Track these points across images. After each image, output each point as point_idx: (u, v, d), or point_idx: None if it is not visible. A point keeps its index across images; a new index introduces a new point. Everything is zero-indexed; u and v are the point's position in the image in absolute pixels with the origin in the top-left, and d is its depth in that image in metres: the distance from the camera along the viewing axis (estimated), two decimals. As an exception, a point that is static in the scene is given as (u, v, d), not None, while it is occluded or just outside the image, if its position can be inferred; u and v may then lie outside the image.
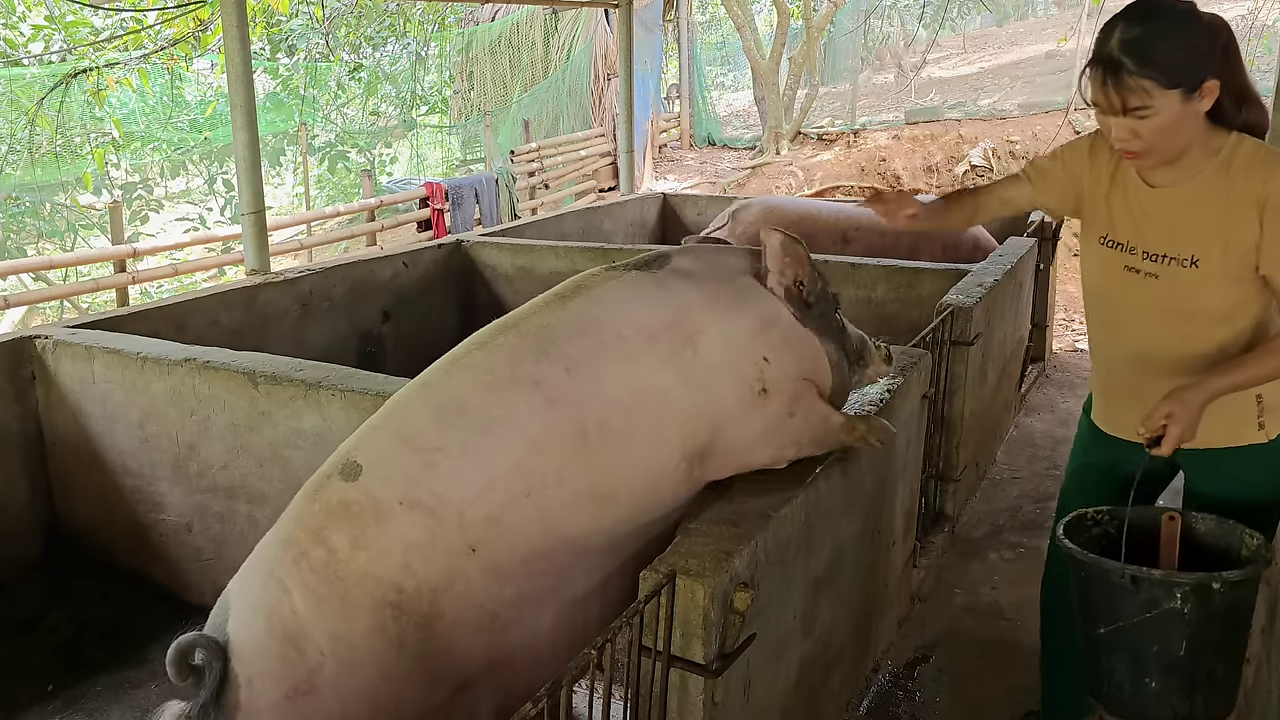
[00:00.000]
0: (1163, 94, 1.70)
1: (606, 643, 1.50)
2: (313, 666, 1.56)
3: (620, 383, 1.77)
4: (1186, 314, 1.89)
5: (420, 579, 1.61)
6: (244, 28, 3.95)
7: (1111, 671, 1.83)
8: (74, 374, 3.22)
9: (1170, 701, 1.79)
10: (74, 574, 3.31)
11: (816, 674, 2.28)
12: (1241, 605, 1.79)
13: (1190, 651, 1.75)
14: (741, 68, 19.42)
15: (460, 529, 1.63)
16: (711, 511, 1.88)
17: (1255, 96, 1.81)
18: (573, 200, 11.36)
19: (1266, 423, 1.91)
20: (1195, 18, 1.74)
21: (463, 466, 1.66)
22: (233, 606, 1.62)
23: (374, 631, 1.58)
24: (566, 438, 1.71)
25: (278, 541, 1.67)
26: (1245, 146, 1.80)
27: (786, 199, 6.15)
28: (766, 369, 1.88)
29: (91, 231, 10.85)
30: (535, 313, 1.88)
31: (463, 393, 1.74)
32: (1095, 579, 1.82)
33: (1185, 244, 1.85)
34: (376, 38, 13.93)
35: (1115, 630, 1.80)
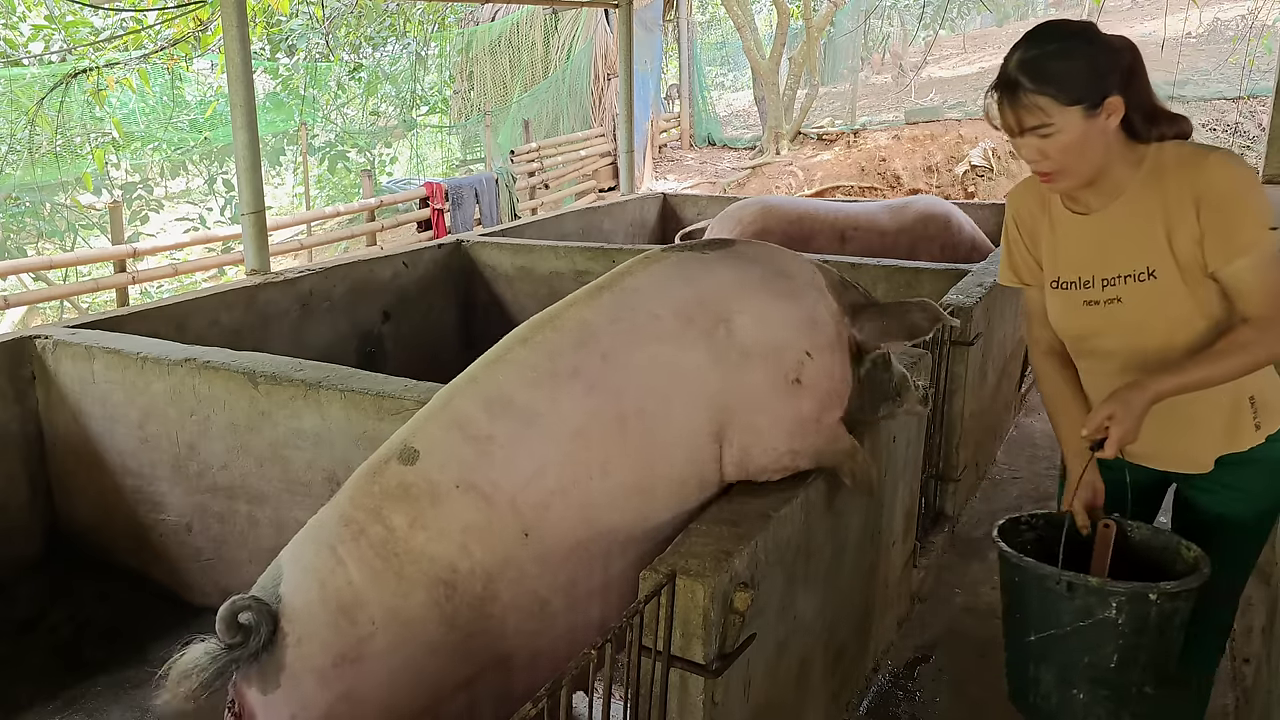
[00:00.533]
0: (1062, 111, 1.71)
1: (606, 643, 1.51)
2: (364, 636, 1.61)
3: (654, 364, 1.80)
4: (1161, 324, 1.84)
5: (476, 560, 1.67)
6: (244, 28, 3.95)
7: (1038, 681, 1.79)
8: (74, 374, 3.22)
9: (1096, 714, 1.75)
10: (74, 574, 3.31)
11: (817, 674, 2.28)
12: (1174, 619, 1.74)
13: (1121, 664, 1.72)
14: (741, 68, 19.43)
15: (514, 513, 1.69)
16: (711, 511, 1.88)
17: (1165, 112, 1.80)
18: (573, 200, 11.36)
19: (1262, 422, 1.87)
20: (1092, 38, 1.74)
21: (514, 454, 1.72)
22: (285, 571, 1.67)
23: (427, 607, 1.64)
24: (607, 426, 1.75)
25: (334, 518, 1.72)
26: (1169, 150, 1.79)
27: (786, 199, 6.14)
28: (807, 363, 1.87)
29: (91, 231, 10.85)
30: (572, 306, 1.91)
31: (509, 386, 1.80)
32: (1029, 584, 1.78)
33: (1137, 258, 1.82)
34: (376, 38, 13.93)
35: (1046, 638, 1.75)
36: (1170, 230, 1.77)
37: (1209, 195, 1.72)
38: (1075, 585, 1.71)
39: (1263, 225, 1.71)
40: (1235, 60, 11.85)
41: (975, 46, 21.45)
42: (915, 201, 5.53)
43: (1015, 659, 1.85)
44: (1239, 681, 2.73)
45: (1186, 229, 1.75)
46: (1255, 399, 1.86)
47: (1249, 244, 1.71)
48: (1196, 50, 13.92)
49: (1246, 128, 11.04)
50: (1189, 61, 13.03)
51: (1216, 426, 1.87)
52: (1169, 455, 1.95)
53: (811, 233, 5.21)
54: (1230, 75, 12.15)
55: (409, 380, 2.73)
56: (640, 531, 1.80)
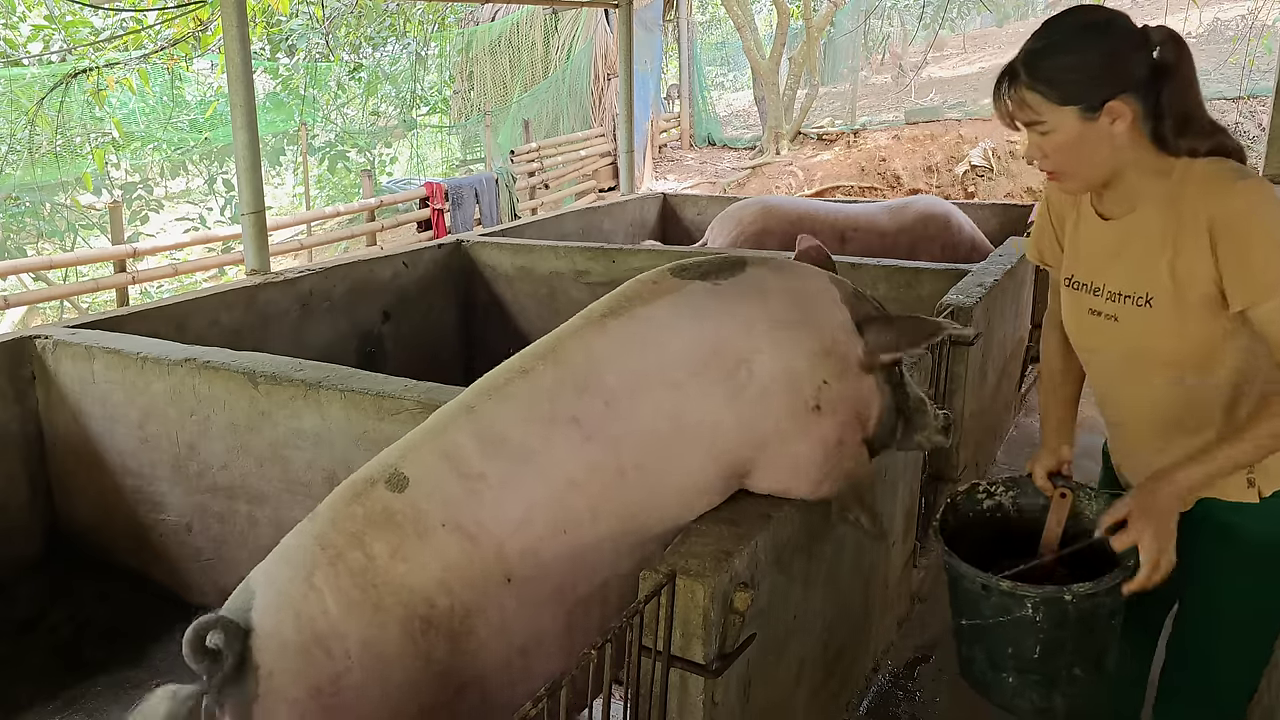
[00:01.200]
0: (1054, 110, 1.60)
1: (606, 643, 1.50)
2: (340, 670, 1.55)
3: (660, 414, 1.73)
4: (1148, 360, 1.71)
5: (455, 598, 1.62)
6: (244, 28, 3.95)
7: (973, 660, 1.84)
8: (74, 374, 3.22)
9: (1029, 696, 1.78)
10: (74, 574, 3.31)
11: (816, 674, 2.28)
12: (1098, 614, 1.71)
13: (1045, 655, 1.72)
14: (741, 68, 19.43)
15: (498, 558, 1.64)
16: (711, 511, 1.87)
17: (1205, 123, 1.63)
18: (573, 200, 11.36)
19: (1258, 480, 1.69)
20: (1109, 32, 1.60)
21: (503, 497, 1.67)
22: (258, 594, 1.60)
23: (403, 641, 1.58)
24: (604, 476, 1.70)
25: (312, 539, 1.65)
26: (1199, 168, 1.61)
27: (785, 199, 6.15)
28: (825, 390, 1.82)
29: (91, 231, 10.85)
30: (575, 335, 1.83)
31: (504, 424, 1.73)
32: (955, 577, 1.82)
33: (1139, 280, 1.68)
34: (376, 38, 13.93)
35: (974, 626, 1.79)
36: (1175, 256, 1.62)
37: (1226, 228, 1.55)
38: (989, 587, 1.72)
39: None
40: (1235, 60, 11.85)
41: (975, 46, 21.46)
42: (915, 201, 5.53)
43: (955, 636, 1.89)
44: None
45: (1196, 257, 1.59)
46: None
47: (1273, 285, 1.53)
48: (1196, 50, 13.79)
49: (1246, 128, 11.04)
50: (1189, 61, 13.02)
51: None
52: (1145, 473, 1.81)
53: (811, 233, 5.16)
54: (1230, 75, 12.15)
55: (409, 380, 2.73)
56: (631, 569, 1.76)
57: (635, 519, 1.74)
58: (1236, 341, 1.63)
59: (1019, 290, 4.30)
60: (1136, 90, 1.59)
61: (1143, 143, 1.63)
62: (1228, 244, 1.56)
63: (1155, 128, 1.61)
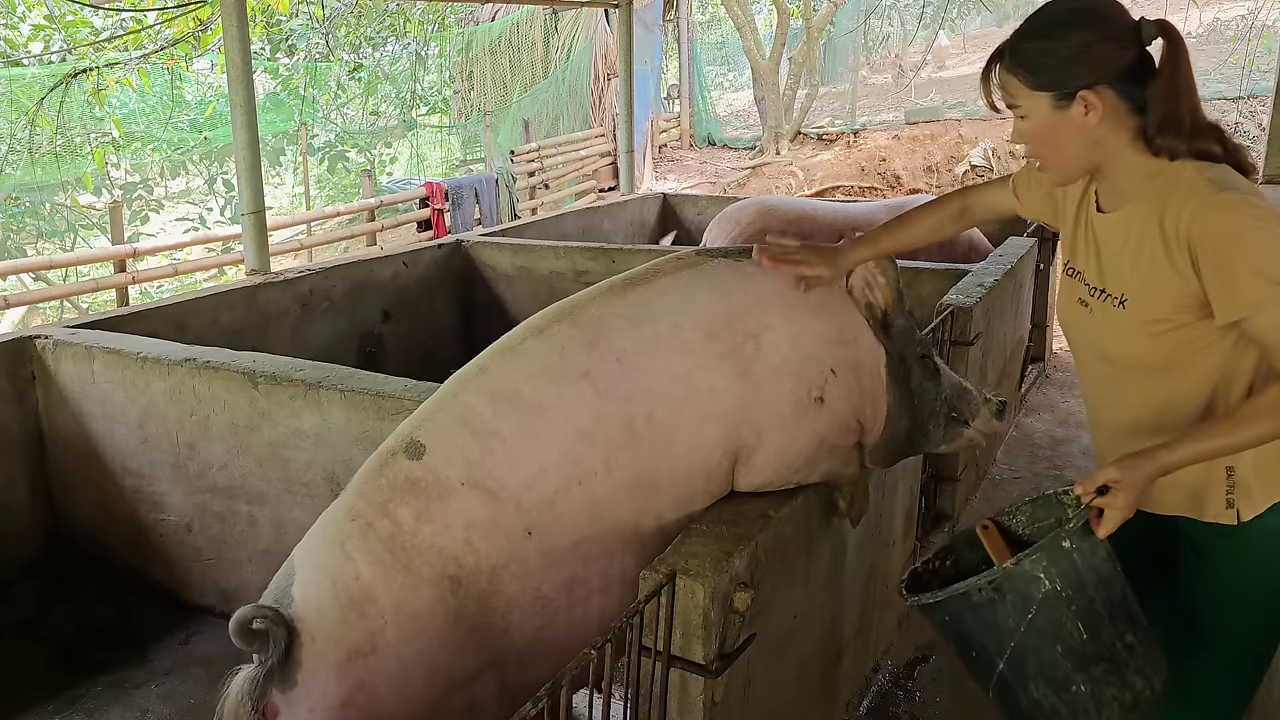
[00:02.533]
0: (1029, 95, 1.58)
1: (606, 642, 1.51)
2: (374, 629, 1.62)
3: (669, 376, 1.78)
4: (1117, 363, 1.69)
5: (481, 555, 1.67)
6: (244, 28, 3.95)
7: (1039, 704, 1.60)
8: (74, 374, 3.22)
9: (1111, 695, 1.58)
10: (74, 574, 3.31)
11: (816, 674, 2.28)
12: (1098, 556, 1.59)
13: (1092, 631, 1.57)
14: (741, 68, 19.43)
15: (518, 511, 1.69)
16: (712, 511, 1.87)
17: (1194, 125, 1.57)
18: (573, 200, 11.37)
19: (1237, 501, 1.64)
20: (1094, 22, 1.56)
21: (518, 452, 1.71)
22: (298, 570, 1.68)
23: (434, 600, 1.64)
24: (614, 429, 1.74)
25: (343, 513, 1.72)
26: (1187, 173, 1.56)
27: (785, 199, 6.15)
28: (831, 381, 1.85)
29: (91, 231, 10.85)
30: (595, 300, 1.89)
31: (516, 380, 1.78)
32: (962, 613, 1.61)
33: (1116, 279, 1.65)
34: (376, 38, 13.94)
35: (1012, 657, 1.59)
36: (1150, 262, 1.59)
37: (1205, 243, 1.52)
38: (996, 580, 1.56)
39: (1270, 281, 1.47)
40: (1235, 60, 11.86)
41: (975, 46, 21.46)
42: (913, 201, 5.53)
43: (1007, 704, 1.64)
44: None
45: (1171, 267, 1.56)
46: (1234, 473, 1.64)
47: (1257, 302, 1.49)
48: (1196, 50, 13.91)
49: (1246, 128, 11.04)
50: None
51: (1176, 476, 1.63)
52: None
53: (810, 233, 5.21)
54: (1230, 75, 12.15)
55: (409, 380, 2.73)
56: (645, 529, 1.80)
57: (647, 474, 1.77)
58: (1221, 344, 1.59)
59: (1019, 290, 4.30)
60: (1115, 83, 1.55)
61: (1125, 139, 1.59)
62: (1208, 259, 1.52)
63: (1140, 124, 1.57)
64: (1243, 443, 1.55)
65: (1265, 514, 1.64)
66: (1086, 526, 1.57)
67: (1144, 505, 1.74)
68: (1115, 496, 1.55)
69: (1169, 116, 1.55)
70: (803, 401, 1.83)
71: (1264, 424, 1.52)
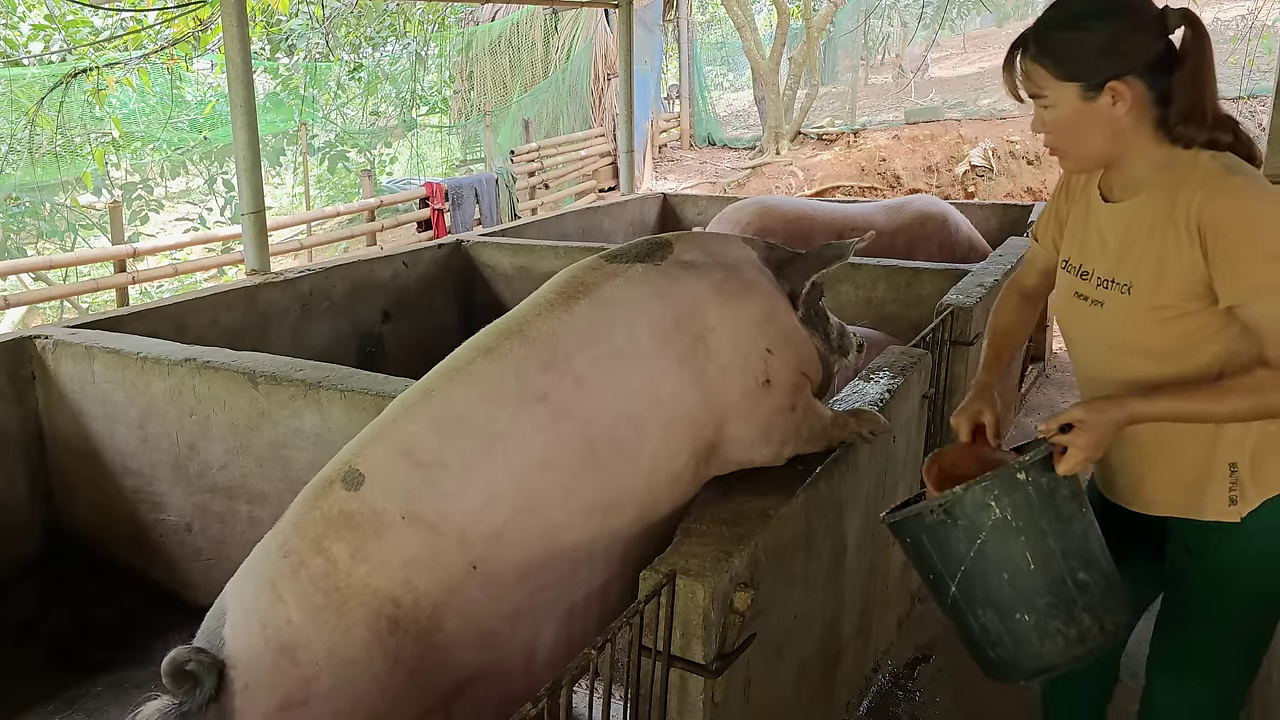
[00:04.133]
0: (1056, 85, 1.58)
1: (606, 643, 1.50)
2: (307, 676, 1.54)
3: (632, 391, 1.74)
4: (1126, 349, 1.68)
5: (420, 593, 1.59)
6: (244, 28, 3.95)
7: (986, 629, 1.63)
8: (74, 374, 3.22)
9: (1055, 628, 1.59)
10: (74, 574, 3.31)
11: (816, 674, 2.28)
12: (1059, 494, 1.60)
13: (1040, 565, 1.58)
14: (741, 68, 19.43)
15: (461, 546, 1.61)
16: (712, 511, 1.88)
17: (1214, 117, 1.58)
18: (573, 200, 11.37)
19: (1240, 498, 1.64)
20: (1124, 12, 1.56)
21: (465, 483, 1.63)
22: (228, 612, 1.60)
23: (370, 644, 1.57)
24: (575, 453, 1.68)
25: (276, 547, 1.64)
26: (1201, 161, 1.57)
27: (783, 199, 6.15)
28: (770, 360, 1.86)
29: (91, 231, 10.85)
30: (541, 316, 1.82)
31: (466, 405, 1.70)
32: (920, 535, 1.64)
33: (1124, 268, 1.65)
34: (376, 38, 13.93)
35: (962, 580, 1.61)
36: (1162, 247, 1.59)
37: (1215, 227, 1.52)
38: (947, 504, 1.58)
39: (1278, 266, 1.49)
40: (1235, 60, 11.85)
41: (975, 46, 21.46)
42: (912, 201, 5.53)
43: (960, 627, 1.69)
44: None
45: (1181, 251, 1.57)
46: (1237, 468, 1.64)
47: (1261, 286, 1.50)
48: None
49: (1246, 128, 11.02)
50: (1189, 61, 13.01)
51: (1174, 474, 1.68)
52: (1118, 486, 1.81)
53: (809, 233, 5.21)
54: (1230, 75, 12.14)
55: (409, 380, 2.73)
56: (605, 548, 1.75)
57: (609, 494, 1.71)
58: (1225, 333, 1.59)
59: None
60: (1144, 74, 1.56)
61: (1146, 129, 1.60)
62: (1217, 243, 1.53)
63: (1162, 115, 1.58)
64: (1218, 414, 1.55)
65: (1259, 510, 1.64)
66: (1048, 462, 1.59)
67: (1137, 506, 1.77)
68: (1078, 436, 1.56)
69: (1193, 106, 1.56)
70: (752, 389, 1.84)
71: (1243, 401, 1.52)
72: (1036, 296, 2.03)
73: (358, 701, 1.56)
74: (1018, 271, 2.05)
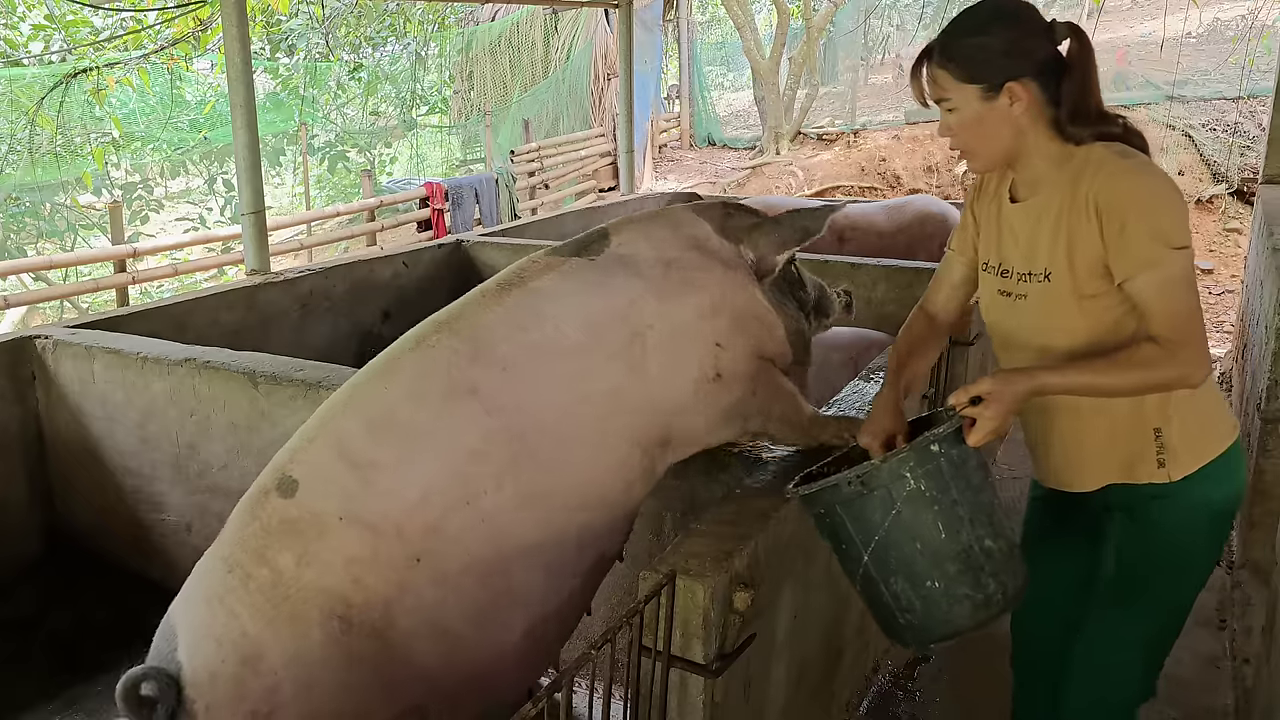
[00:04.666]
0: (959, 88, 1.70)
1: (606, 642, 1.51)
2: (270, 686, 1.55)
3: (561, 381, 1.74)
4: (1052, 337, 1.76)
5: (369, 591, 1.60)
6: (244, 28, 3.95)
7: (897, 597, 1.67)
8: (74, 374, 3.22)
9: (963, 592, 1.64)
10: (74, 574, 3.31)
11: (816, 674, 2.28)
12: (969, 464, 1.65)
13: (950, 532, 1.63)
14: (741, 68, 19.41)
15: (401, 541, 1.62)
16: (711, 511, 1.88)
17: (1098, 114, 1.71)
18: (573, 200, 11.37)
19: (1167, 461, 1.75)
20: (1014, 20, 1.69)
21: (398, 480, 1.64)
22: (179, 633, 1.60)
23: (327, 645, 1.57)
24: (506, 443, 1.68)
25: (220, 563, 1.64)
26: (1095, 152, 1.70)
27: (782, 199, 6.14)
28: (721, 354, 1.84)
29: (91, 231, 10.85)
30: (471, 308, 1.83)
31: (395, 401, 1.71)
32: (834, 506, 1.67)
33: (1039, 258, 1.75)
34: (376, 38, 13.93)
35: (876, 550, 1.65)
36: (1070, 235, 1.70)
37: (1109, 206, 1.64)
38: (865, 475, 1.62)
39: (1162, 242, 1.61)
40: (1235, 60, 11.84)
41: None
42: (912, 201, 5.53)
43: (870, 599, 1.73)
44: (1239, 681, 2.73)
45: (1085, 236, 1.68)
46: (1162, 434, 1.75)
47: (1147, 261, 1.61)
48: (1196, 50, 13.92)
49: (1246, 128, 11.03)
50: (1189, 61, 13.02)
51: (1107, 447, 1.78)
52: (1054, 469, 1.89)
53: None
54: (1230, 75, 12.14)
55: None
56: (555, 537, 1.74)
57: (546, 484, 1.71)
58: (1135, 316, 1.68)
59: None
60: (1036, 76, 1.69)
61: (1042, 128, 1.72)
62: (1110, 221, 1.64)
63: (1055, 115, 1.71)
64: (1112, 386, 1.66)
65: (1194, 481, 1.75)
66: (959, 434, 1.64)
67: (1077, 486, 1.86)
68: (986, 407, 1.62)
69: (1079, 107, 1.70)
70: (702, 385, 1.83)
71: (1134, 374, 1.63)
72: (945, 314, 2.03)
73: (322, 704, 1.57)
74: (926, 291, 2.05)
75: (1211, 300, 8.19)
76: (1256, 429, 3.25)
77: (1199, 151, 10.78)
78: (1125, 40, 14.58)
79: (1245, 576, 3.19)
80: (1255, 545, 3.20)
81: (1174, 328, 1.62)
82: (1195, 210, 10.13)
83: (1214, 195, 10.27)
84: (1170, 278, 1.62)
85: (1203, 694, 2.76)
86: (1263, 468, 3.18)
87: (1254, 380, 3.58)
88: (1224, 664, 2.89)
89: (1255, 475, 3.19)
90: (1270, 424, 3.14)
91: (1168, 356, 1.62)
